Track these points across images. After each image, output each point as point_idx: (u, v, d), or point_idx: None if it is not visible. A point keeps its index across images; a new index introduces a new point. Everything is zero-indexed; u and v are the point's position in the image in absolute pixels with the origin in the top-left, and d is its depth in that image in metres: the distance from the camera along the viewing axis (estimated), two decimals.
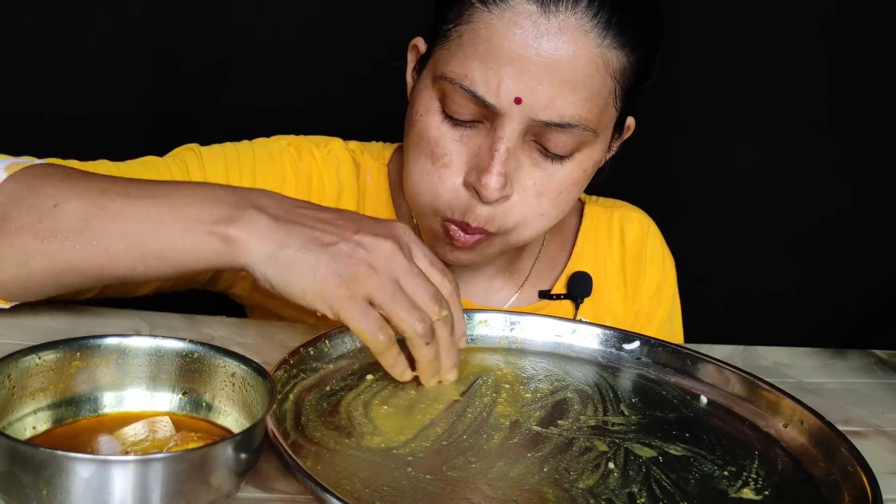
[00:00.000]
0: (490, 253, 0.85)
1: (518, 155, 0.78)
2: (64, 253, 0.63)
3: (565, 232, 1.02)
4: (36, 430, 0.52)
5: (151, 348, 0.56)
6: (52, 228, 0.62)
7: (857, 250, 1.59)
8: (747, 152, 1.53)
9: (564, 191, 0.81)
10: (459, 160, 0.80)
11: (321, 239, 0.62)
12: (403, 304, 0.62)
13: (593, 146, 0.81)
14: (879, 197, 1.57)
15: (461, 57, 0.76)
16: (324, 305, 0.61)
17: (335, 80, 1.33)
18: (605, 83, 0.77)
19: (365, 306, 0.61)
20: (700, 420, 0.70)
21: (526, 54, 0.74)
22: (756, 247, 1.59)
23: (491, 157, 0.77)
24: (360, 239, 0.62)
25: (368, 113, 1.19)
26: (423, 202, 0.83)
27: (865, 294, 1.63)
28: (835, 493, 0.60)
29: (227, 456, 0.47)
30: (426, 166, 0.81)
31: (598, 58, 0.76)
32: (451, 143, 0.79)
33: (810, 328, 1.50)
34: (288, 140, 0.93)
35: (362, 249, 0.62)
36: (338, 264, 0.61)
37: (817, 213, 1.56)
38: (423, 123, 0.80)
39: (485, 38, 0.75)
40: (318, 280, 0.60)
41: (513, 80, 0.74)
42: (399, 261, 0.63)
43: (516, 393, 0.70)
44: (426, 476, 0.55)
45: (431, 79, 0.80)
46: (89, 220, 0.62)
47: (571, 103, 0.76)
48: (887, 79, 1.49)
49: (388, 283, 0.62)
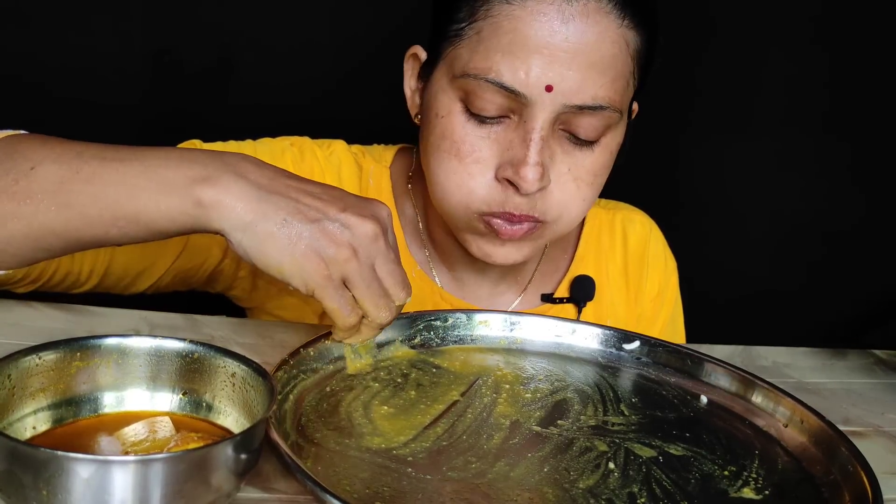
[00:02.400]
0: (532, 248, 0.84)
1: (550, 145, 0.78)
2: (39, 215, 0.62)
3: (567, 236, 1.01)
4: (36, 430, 0.52)
5: (151, 348, 0.56)
6: (27, 190, 0.62)
7: (857, 250, 1.59)
8: (748, 153, 1.53)
9: (599, 174, 0.82)
10: (490, 155, 0.78)
11: (305, 213, 0.61)
12: (376, 292, 0.63)
13: (617, 127, 0.81)
14: (880, 197, 1.57)
15: (483, 52, 0.76)
16: (299, 282, 0.61)
17: (336, 79, 1.33)
18: (626, 63, 0.78)
19: (340, 287, 0.61)
20: (700, 420, 0.70)
21: (553, 41, 0.74)
22: (756, 247, 1.59)
23: (526, 148, 0.76)
24: (345, 218, 0.61)
25: (369, 111, 1.19)
26: (456, 203, 0.81)
27: (866, 294, 1.63)
28: (835, 493, 0.60)
29: (227, 456, 0.47)
30: (453, 165, 0.79)
31: (620, 38, 0.76)
32: (479, 140, 0.78)
33: (810, 328, 1.50)
34: (291, 140, 0.93)
35: (347, 231, 0.61)
36: (320, 242, 0.60)
37: (818, 214, 1.56)
38: (445, 125, 0.79)
39: (508, 29, 0.75)
40: (296, 256, 0.60)
41: (542, 68, 0.74)
42: (379, 246, 0.63)
43: (516, 393, 0.70)
44: (426, 476, 0.55)
45: (449, 80, 0.79)
46: (63, 183, 0.61)
47: (601, 86, 0.76)
48: (890, 78, 1.49)
49: (366, 269, 0.62)
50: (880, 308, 1.62)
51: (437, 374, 0.71)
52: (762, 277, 1.60)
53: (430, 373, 0.71)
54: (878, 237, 1.58)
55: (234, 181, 0.61)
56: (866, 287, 1.62)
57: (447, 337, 0.77)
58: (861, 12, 1.45)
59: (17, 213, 0.62)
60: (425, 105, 0.83)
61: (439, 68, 0.81)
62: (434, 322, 0.76)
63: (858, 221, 1.57)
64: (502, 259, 0.84)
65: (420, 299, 0.93)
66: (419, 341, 0.75)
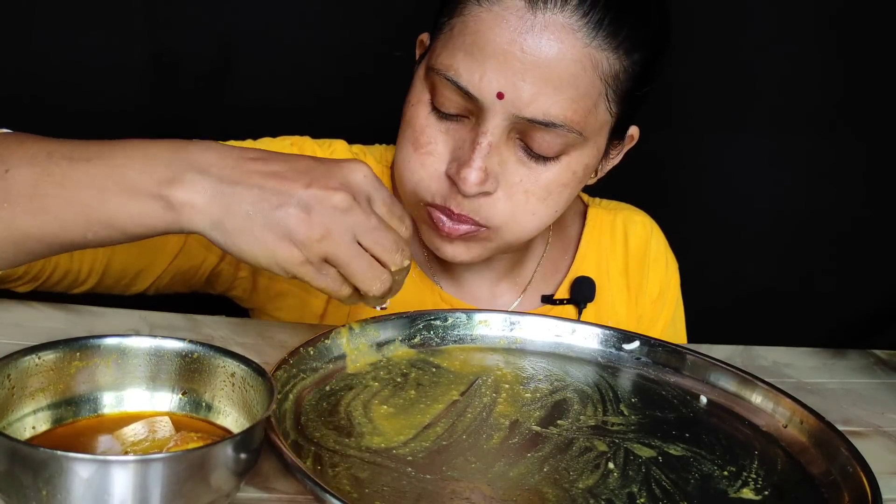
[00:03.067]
0: (482, 252, 0.84)
1: (502, 151, 0.78)
2: (16, 220, 0.60)
3: (568, 236, 1.01)
4: (36, 430, 0.52)
5: (151, 348, 0.56)
6: (4, 193, 0.60)
7: (858, 251, 1.59)
8: (749, 152, 1.53)
9: (554, 192, 0.80)
10: (443, 149, 0.80)
11: (269, 200, 0.59)
12: (360, 265, 0.60)
13: (582, 149, 0.80)
14: (881, 197, 1.56)
15: (450, 49, 0.77)
16: (279, 270, 0.60)
17: (336, 78, 1.32)
18: (593, 85, 0.76)
19: (321, 266, 0.60)
20: (700, 420, 0.70)
21: (510, 49, 0.74)
22: (757, 247, 1.59)
23: (472, 151, 0.76)
24: (311, 195, 0.59)
25: (370, 112, 1.19)
26: (409, 190, 0.82)
27: (866, 294, 1.63)
28: (835, 493, 0.60)
29: (227, 456, 0.47)
30: (409, 152, 0.81)
31: (585, 58, 0.75)
32: (437, 133, 0.80)
33: (810, 328, 1.50)
34: (291, 140, 0.93)
35: (315, 209, 0.59)
36: (288, 228, 0.58)
37: (820, 214, 1.56)
38: (412, 112, 0.81)
39: (472, 30, 0.75)
40: (268, 246, 0.59)
41: (495, 74, 0.74)
42: (355, 215, 0.60)
43: (516, 393, 0.70)
44: (426, 476, 0.55)
45: (425, 70, 0.80)
46: (37, 186, 0.60)
47: (555, 102, 0.75)
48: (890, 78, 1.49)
49: (344, 244, 0.60)
50: (883, 311, 1.62)
51: (436, 374, 0.71)
52: (763, 278, 1.60)
53: (429, 372, 0.71)
54: (881, 238, 1.58)
55: (198, 179, 0.59)
56: (869, 288, 1.62)
57: (447, 336, 0.77)
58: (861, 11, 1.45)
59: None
60: (407, 92, 0.84)
61: (426, 58, 0.82)
62: (434, 322, 0.76)
63: (861, 222, 1.57)
64: (450, 255, 0.84)
65: (420, 300, 0.92)
66: (419, 341, 0.75)
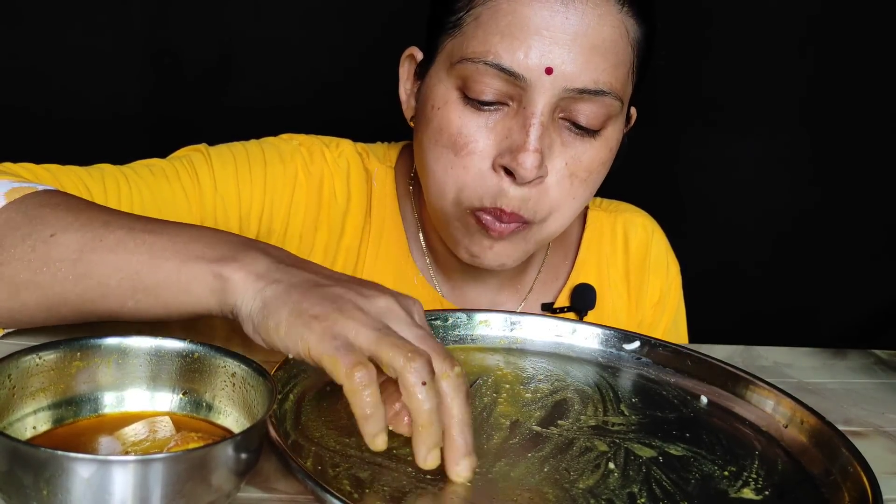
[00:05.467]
0: (527, 248, 0.82)
1: (550, 133, 0.76)
2: (56, 285, 0.60)
3: (568, 241, 1.00)
4: (36, 430, 0.52)
5: (151, 348, 0.56)
6: (45, 258, 0.60)
7: (858, 251, 1.59)
8: (750, 152, 1.53)
9: (595, 171, 0.80)
10: (487, 144, 0.76)
11: (315, 280, 0.56)
12: (390, 342, 0.51)
13: (617, 120, 0.80)
14: (882, 197, 1.57)
15: (482, 36, 0.75)
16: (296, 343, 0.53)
17: (336, 78, 1.33)
18: (626, 52, 0.77)
19: (342, 342, 0.52)
20: (700, 420, 0.70)
21: (553, 22, 0.73)
22: (757, 247, 1.59)
23: (526, 134, 0.74)
24: (359, 286, 0.56)
25: (370, 110, 1.19)
26: (448, 200, 0.79)
27: (866, 294, 1.63)
28: (835, 493, 0.60)
29: (228, 456, 0.47)
30: (449, 159, 0.77)
31: (620, 24, 0.76)
32: (476, 129, 0.76)
33: (810, 328, 1.50)
34: (300, 140, 0.91)
35: (360, 297, 0.54)
36: (322, 302, 0.53)
37: (821, 214, 1.56)
38: (441, 116, 0.78)
39: (507, 11, 0.74)
40: (292, 312, 0.53)
41: (542, 49, 0.73)
42: (396, 311, 0.55)
43: (516, 393, 0.70)
44: (426, 476, 0.55)
45: (446, 70, 0.78)
46: (84, 252, 0.60)
47: (603, 70, 0.75)
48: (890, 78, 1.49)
49: (374, 322, 0.53)
50: (883, 311, 1.62)
51: None
52: (763, 278, 1.60)
53: None
54: (880, 238, 1.58)
55: (257, 258, 0.58)
56: (869, 289, 1.62)
57: (447, 337, 0.77)
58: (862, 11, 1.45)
59: (32, 281, 0.60)
60: (421, 103, 0.82)
61: (436, 62, 0.80)
62: (434, 322, 0.76)
63: (864, 223, 1.57)
64: (491, 262, 0.81)
65: None
66: None
